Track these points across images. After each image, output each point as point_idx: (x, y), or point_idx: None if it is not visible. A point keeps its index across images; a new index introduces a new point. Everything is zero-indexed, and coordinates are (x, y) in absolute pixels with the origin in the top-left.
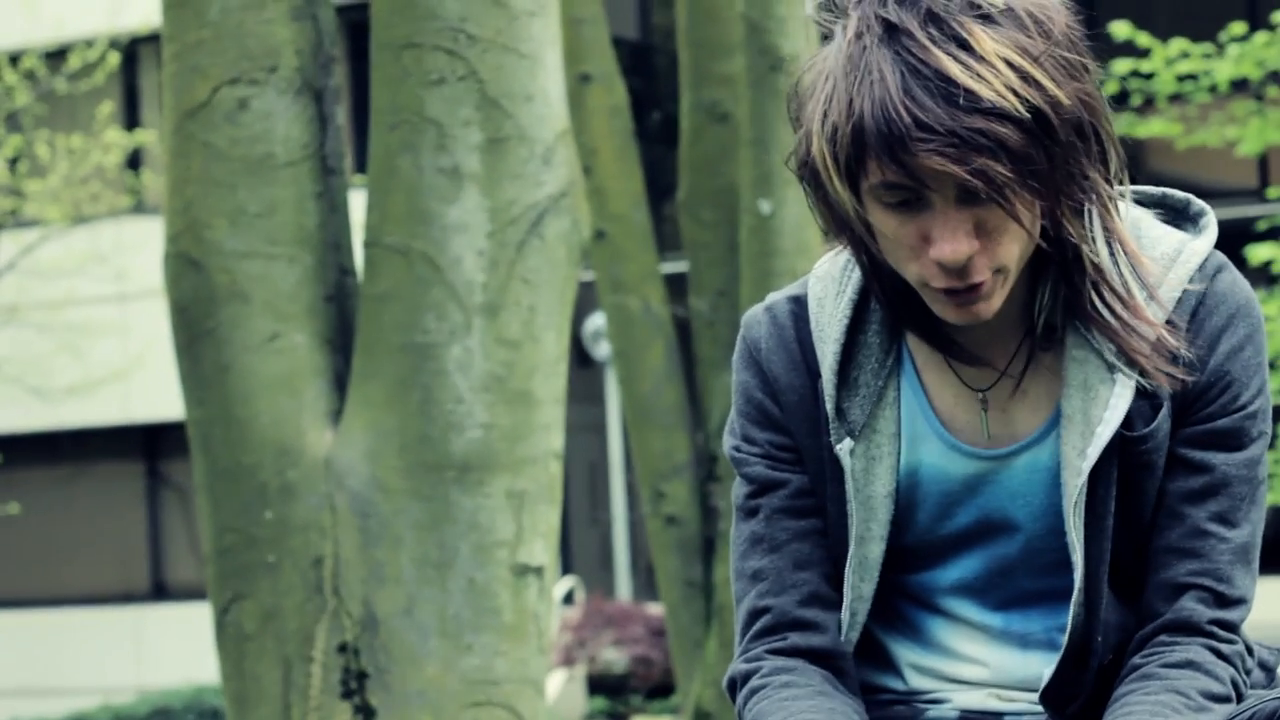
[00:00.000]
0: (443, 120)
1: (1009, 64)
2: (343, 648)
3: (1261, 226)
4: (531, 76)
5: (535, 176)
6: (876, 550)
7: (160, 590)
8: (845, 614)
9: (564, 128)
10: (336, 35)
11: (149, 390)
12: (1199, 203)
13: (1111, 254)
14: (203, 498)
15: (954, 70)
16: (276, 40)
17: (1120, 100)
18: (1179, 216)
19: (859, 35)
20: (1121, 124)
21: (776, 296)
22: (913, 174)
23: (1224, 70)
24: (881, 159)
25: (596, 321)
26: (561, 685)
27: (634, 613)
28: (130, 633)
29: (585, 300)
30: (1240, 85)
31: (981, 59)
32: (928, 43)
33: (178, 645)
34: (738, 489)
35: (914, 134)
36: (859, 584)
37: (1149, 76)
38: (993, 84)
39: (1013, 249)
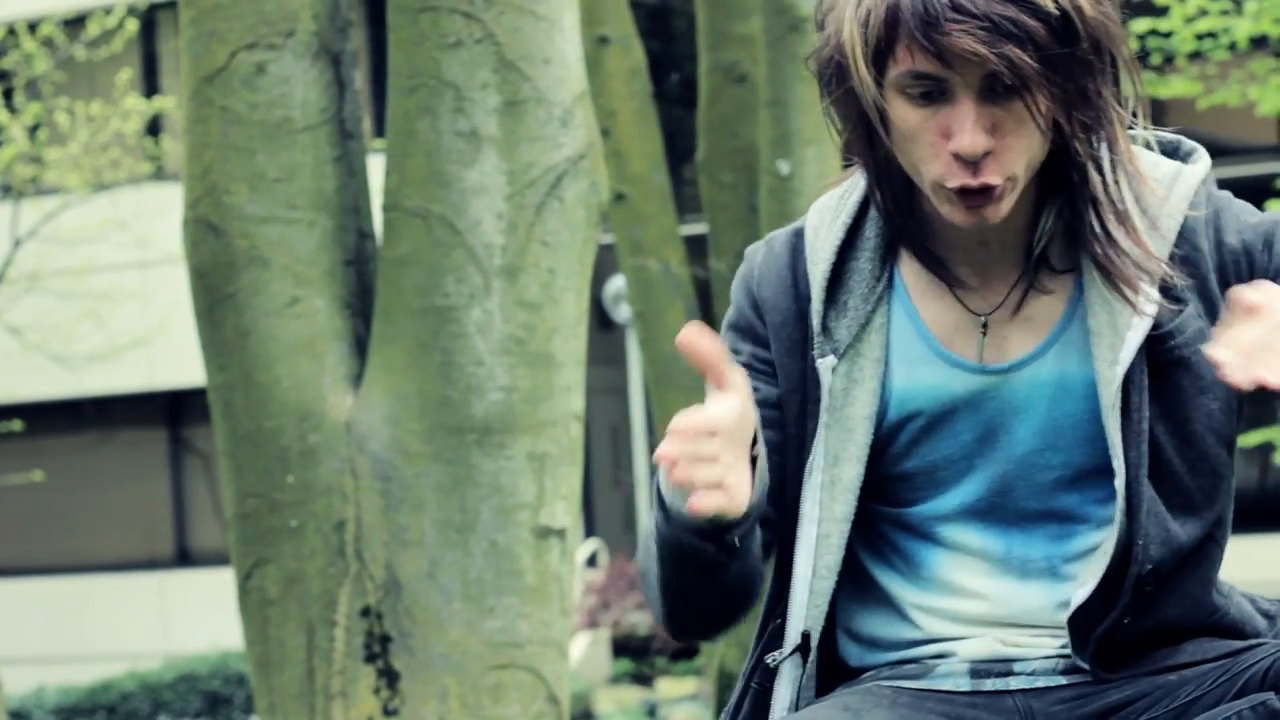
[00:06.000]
0: (460, 83)
1: None
2: (365, 611)
3: None
4: (549, 39)
5: (553, 139)
6: (852, 471)
7: (185, 556)
8: (811, 531)
9: (582, 90)
10: None
11: (172, 356)
12: (1189, 142)
13: (1115, 180)
14: (225, 463)
15: None
16: (294, 4)
17: (1140, 59)
18: (1170, 158)
19: None
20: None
21: (780, 229)
22: (942, 55)
23: (1243, 28)
24: (914, 39)
25: (617, 284)
26: (586, 648)
27: None
28: (155, 599)
29: (606, 263)
30: (1259, 42)
31: None
32: None
33: (203, 611)
34: None
35: (948, 14)
36: (830, 504)
37: (1168, 35)
38: None
39: (1023, 157)
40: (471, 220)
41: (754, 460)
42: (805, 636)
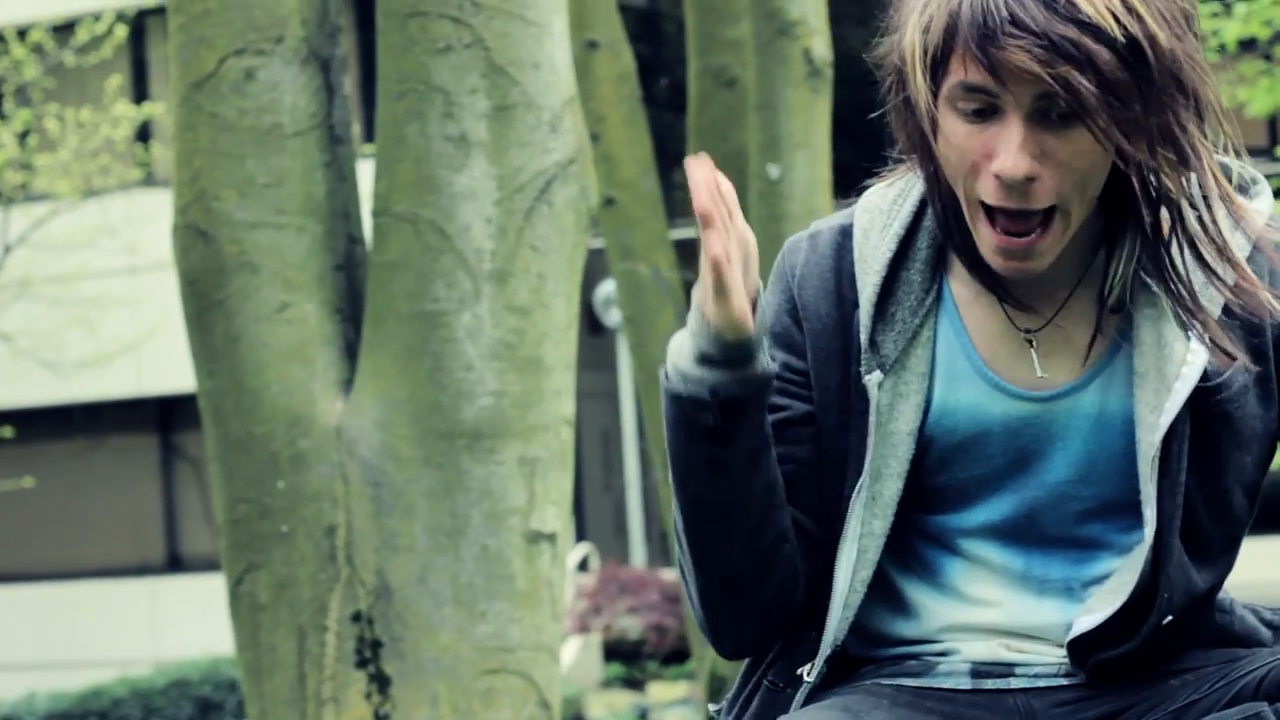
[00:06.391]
0: (450, 88)
1: None
2: (357, 616)
3: (1273, 186)
4: (538, 43)
5: (543, 144)
6: (893, 488)
7: (175, 562)
8: (852, 550)
9: (571, 94)
10: (342, 4)
11: (161, 362)
12: (1250, 170)
13: (1213, 216)
14: (215, 468)
15: None
16: (283, 10)
17: None
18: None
19: None
20: None
21: (823, 224)
22: (995, 70)
23: (1232, 30)
24: (969, 51)
25: (607, 289)
26: (577, 652)
27: (648, 579)
28: (146, 605)
29: (596, 267)
30: (1249, 44)
31: None
32: None
33: (194, 617)
34: None
35: (1007, 28)
36: (870, 520)
37: None
38: (1095, 1)
39: (1072, 187)
40: (461, 225)
41: (754, 305)
42: (837, 649)
